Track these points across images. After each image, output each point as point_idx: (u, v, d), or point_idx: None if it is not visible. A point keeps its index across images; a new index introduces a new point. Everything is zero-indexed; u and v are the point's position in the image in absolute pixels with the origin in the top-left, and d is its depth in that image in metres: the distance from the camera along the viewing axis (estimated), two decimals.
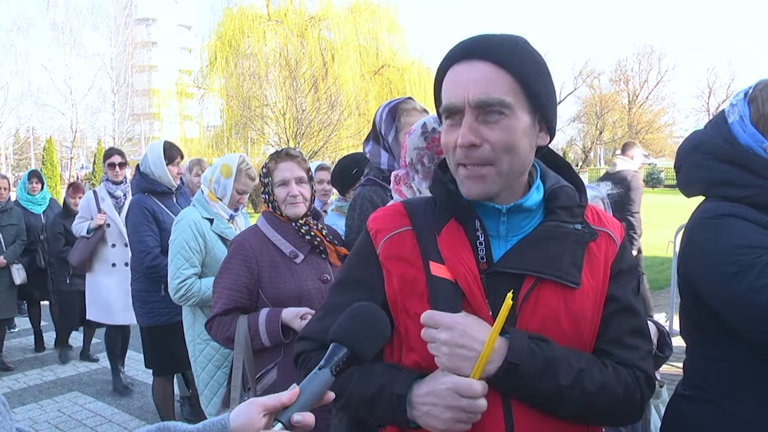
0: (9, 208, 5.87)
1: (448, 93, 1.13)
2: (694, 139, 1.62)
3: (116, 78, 36.56)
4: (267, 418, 0.94)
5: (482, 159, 1.11)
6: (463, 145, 1.10)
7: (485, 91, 1.08)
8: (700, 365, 1.54)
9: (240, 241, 2.40)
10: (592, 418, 1.15)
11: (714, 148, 1.54)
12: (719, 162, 1.51)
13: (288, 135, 22.30)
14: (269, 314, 2.28)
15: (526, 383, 1.08)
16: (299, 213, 2.40)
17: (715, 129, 1.56)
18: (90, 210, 4.91)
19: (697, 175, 1.57)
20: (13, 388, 5.26)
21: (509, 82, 1.10)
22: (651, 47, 48.48)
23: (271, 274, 2.32)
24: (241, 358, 2.29)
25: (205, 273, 3.07)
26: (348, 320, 1.03)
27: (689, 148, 1.62)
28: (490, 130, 1.10)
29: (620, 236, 1.24)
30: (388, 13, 27.15)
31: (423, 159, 1.87)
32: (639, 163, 6.20)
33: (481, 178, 1.12)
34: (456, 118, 1.12)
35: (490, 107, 1.09)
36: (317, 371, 0.97)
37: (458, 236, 1.18)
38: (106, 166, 4.93)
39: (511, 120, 1.10)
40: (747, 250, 1.37)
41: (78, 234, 4.97)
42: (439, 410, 1.06)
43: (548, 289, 1.14)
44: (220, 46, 25.77)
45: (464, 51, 1.13)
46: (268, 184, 2.45)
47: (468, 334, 1.07)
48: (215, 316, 2.35)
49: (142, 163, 3.97)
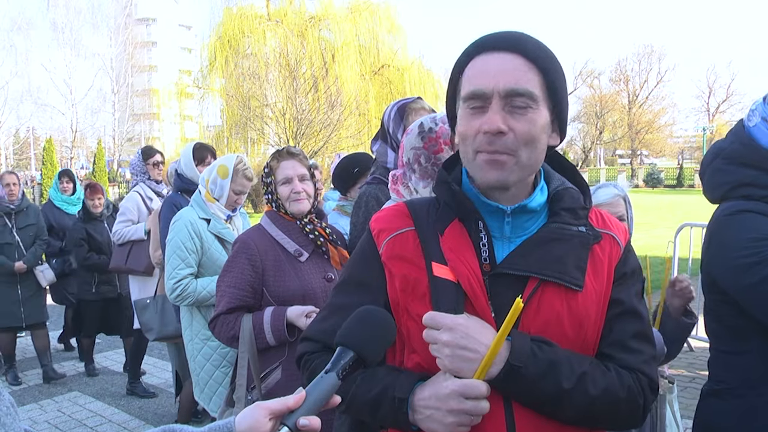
0: (25, 207, 5.39)
1: (476, 80, 1.12)
2: (715, 147, 1.71)
3: (116, 78, 36.60)
4: (273, 421, 0.93)
5: (505, 147, 1.10)
6: (491, 130, 1.09)
7: (516, 81, 1.09)
8: (725, 360, 1.61)
9: (244, 239, 2.39)
10: (594, 422, 1.14)
11: (733, 153, 1.63)
12: (738, 165, 1.60)
13: (288, 135, 22.30)
14: (274, 313, 2.27)
15: (527, 386, 1.07)
16: (303, 209, 2.40)
17: (734, 136, 1.66)
18: (140, 211, 4.68)
19: (719, 180, 1.66)
20: (13, 388, 5.25)
21: (538, 77, 1.11)
22: (651, 47, 48.54)
23: (276, 273, 2.32)
24: (246, 357, 2.28)
25: (201, 273, 3.08)
26: (355, 324, 1.03)
27: (711, 157, 1.71)
28: (515, 121, 1.10)
29: (624, 239, 1.24)
30: (388, 13, 27.16)
31: (420, 158, 1.87)
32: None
33: (501, 165, 1.11)
34: (480, 105, 1.12)
35: (520, 97, 1.09)
36: (323, 375, 0.96)
37: (461, 237, 1.18)
38: (149, 165, 4.81)
39: (536, 114, 1.11)
40: (764, 242, 1.44)
41: (126, 238, 4.63)
42: (441, 414, 1.06)
43: (551, 291, 1.13)
44: (220, 46, 25.79)
45: (494, 42, 1.14)
46: (271, 183, 2.45)
47: (470, 335, 1.07)
48: (219, 314, 2.33)
49: (178, 163, 4.05)
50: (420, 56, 32.89)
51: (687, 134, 53.86)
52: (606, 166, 51.32)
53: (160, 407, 4.79)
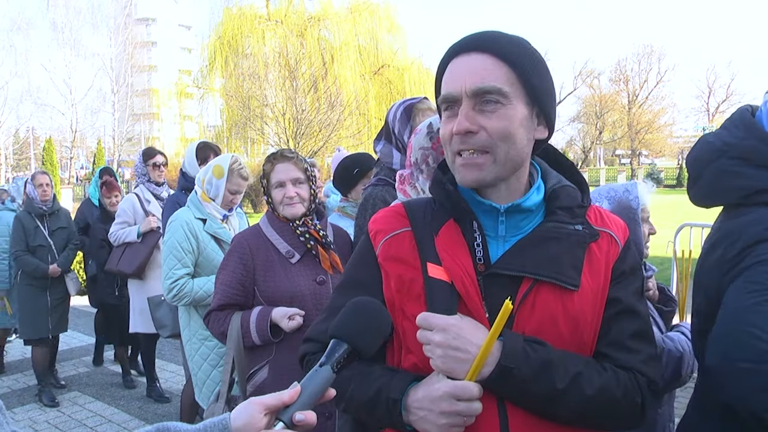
0: (56, 209, 5.12)
1: (447, 84, 1.15)
2: (714, 142, 1.41)
3: (116, 78, 36.53)
4: (268, 417, 0.93)
5: (479, 145, 1.11)
6: (459, 131, 1.11)
7: (482, 80, 1.10)
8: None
9: (239, 239, 2.45)
10: (591, 422, 1.13)
11: (747, 152, 1.33)
12: (755, 167, 1.31)
13: (288, 135, 22.29)
14: (260, 312, 2.31)
15: (520, 386, 1.07)
16: (296, 213, 2.40)
17: (743, 130, 1.35)
18: (135, 213, 4.64)
19: (729, 183, 1.36)
20: (13, 388, 5.25)
21: (506, 73, 1.11)
22: (651, 47, 48.31)
23: (266, 272, 2.34)
24: (232, 354, 2.34)
25: (198, 273, 3.09)
26: (347, 316, 1.03)
27: (712, 155, 1.40)
28: (486, 118, 1.11)
29: (623, 237, 1.23)
30: (388, 13, 27.17)
31: (428, 159, 1.87)
32: None
33: (477, 166, 1.13)
34: (454, 108, 1.14)
35: (487, 95, 1.10)
36: (318, 368, 0.96)
37: (456, 237, 1.18)
38: (149, 167, 4.73)
39: (508, 109, 1.11)
40: None
41: (121, 240, 4.60)
42: (434, 416, 1.06)
43: (546, 291, 1.12)
44: (220, 46, 25.81)
45: (463, 45, 1.15)
46: (265, 186, 2.48)
47: (462, 336, 1.07)
48: (212, 311, 2.41)
49: (183, 162, 4.05)
50: (420, 56, 32.94)
51: (687, 134, 53.76)
52: (606, 166, 51.31)
53: (160, 407, 4.79)
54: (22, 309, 5.02)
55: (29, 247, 4.93)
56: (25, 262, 4.91)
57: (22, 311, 5.01)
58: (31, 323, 4.96)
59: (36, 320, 4.94)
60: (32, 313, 4.95)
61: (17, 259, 4.96)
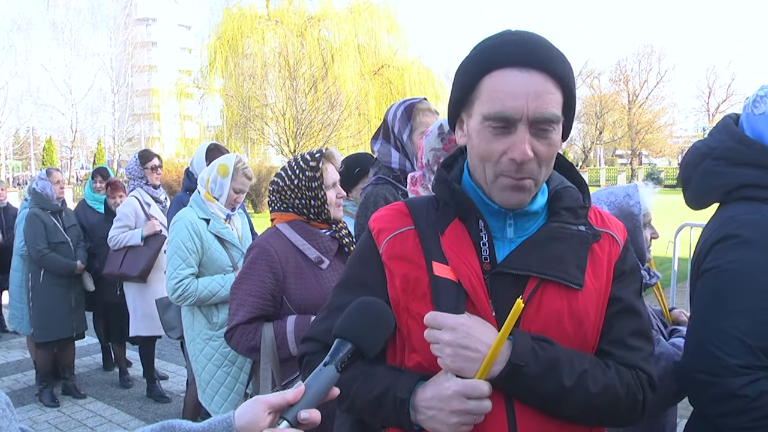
0: (65, 207, 5.02)
1: (503, 102, 1.07)
2: (701, 147, 1.55)
3: (116, 78, 36.61)
4: (272, 416, 0.93)
5: (530, 173, 1.10)
6: (523, 160, 1.07)
7: (546, 107, 1.07)
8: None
9: (263, 245, 2.24)
10: (595, 419, 1.15)
11: (727, 153, 1.47)
12: (734, 165, 1.45)
13: (288, 135, 22.33)
14: (297, 322, 2.19)
15: (529, 384, 1.08)
16: (340, 216, 2.36)
17: (724, 133, 1.50)
18: (137, 217, 4.59)
19: (713, 182, 1.49)
20: (13, 389, 5.24)
21: (561, 98, 1.10)
22: (651, 47, 48.40)
23: (297, 280, 2.22)
24: (269, 367, 2.20)
25: (202, 273, 3.09)
26: (352, 315, 1.02)
27: (698, 158, 1.54)
28: (540, 145, 1.09)
29: (623, 238, 1.24)
30: (388, 13, 27.20)
31: (440, 160, 1.87)
32: None
33: (524, 189, 1.12)
34: (504, 126, 1.08)
35: (547, 123, 1.08)
36: (322, 367, 0.96)
37: (462, 236, 1.18)
38: (147, 170, 4.68)
39: (556, 134, 1.11)
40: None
41: (122, 243, 4.54)
42: (444, 415, 1.06)
43: (552, 290, 1.13)
44: (220, 46, 25.83)
45: (522, 57, 1.08)
46: (315, 188, 2.27)
47: (472, 335, 1.07)
48: (238, 324, 2.19)
49: (190, 164, 4.05)
50: (420, 56, 32.90)
51: (687, 134, 53.77)
52: (606, 166, 51.34)
53: (161, 407, 4.79)
54: (44, 311, 4.74)
55: (50, 244, 4.71)
56: (52, 260, 4.69)
57: (44, 313, 4.74)
58: (55, 324, 4.76)
59: (60, 320, 4.78)
60: (56, 313, 4.76)
61: (42, 257, 4.65)
